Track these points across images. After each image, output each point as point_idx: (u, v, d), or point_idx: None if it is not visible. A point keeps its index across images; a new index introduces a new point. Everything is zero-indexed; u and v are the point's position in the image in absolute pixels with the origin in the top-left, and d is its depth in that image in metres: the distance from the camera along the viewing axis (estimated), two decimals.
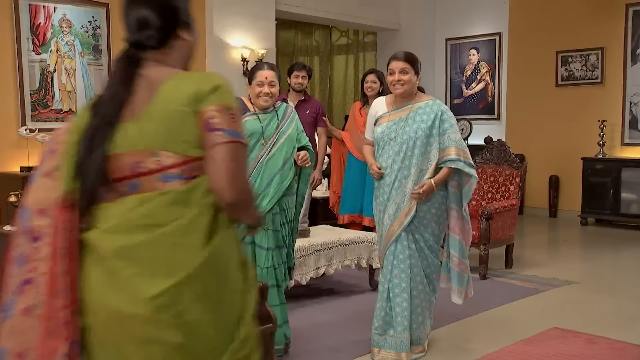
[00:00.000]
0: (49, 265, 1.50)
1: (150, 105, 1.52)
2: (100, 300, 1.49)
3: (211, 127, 1.49)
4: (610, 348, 3.77)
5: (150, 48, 1.57)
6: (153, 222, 1.49)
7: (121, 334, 1.47)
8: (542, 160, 8.98)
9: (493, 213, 5.42)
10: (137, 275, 1.46)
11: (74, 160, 1.53)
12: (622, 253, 6.76)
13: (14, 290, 1.52)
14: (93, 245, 1.51)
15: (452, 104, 10.16)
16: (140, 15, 1.56)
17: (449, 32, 10.13)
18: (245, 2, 7.78)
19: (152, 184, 1.53)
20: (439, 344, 3.87)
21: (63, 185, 1.53)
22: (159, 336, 1.46)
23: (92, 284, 1.50)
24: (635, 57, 8.17)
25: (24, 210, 1.57)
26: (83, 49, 6.57)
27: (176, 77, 1.54)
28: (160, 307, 1.44)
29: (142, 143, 1.52)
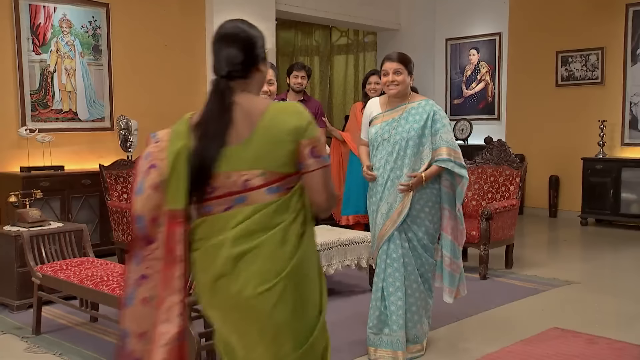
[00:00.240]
0: (162, 265, 1.86)
1: (254, 133, 1.86)
2: (227, 294, 1.86)
3: (314, 155, 1.90)
4: (610, 348, 3.77)
5: (237, 78, 1.93)
6: (264, 227, 1.86)
7: (242, 317, 1.87)
8: (542, 160, 8.98)
9: (493, 213, 5.42)
10: (255, 272, 1.84)
11: (184, 177, 1.85)
12: (622, 253, 6.76)
13: (133, 283, 1.88)
14: (217, 244, 1.86)
15: (452, 104, 10.17)
16: (230, 54, 1.92)
17: (449, 32, 10.13)
18: (245, 2, 7.79)
19: (258, 197, 1.87)
20: (439, 344, 3.87)
21: (173, 199, 1.86)
22: (270, 317, 1.86)
23: (218, 281, 1.87)
24: (635, 57, 8.17)
25: (139, 217, 1.87)
26: (83, 49, 6.57)
27: (273, 110, 1.89)
28: (273, 292, 1.85)
29: (251, 164, 1.86)
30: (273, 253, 1.86)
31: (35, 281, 4.05)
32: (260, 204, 1.87)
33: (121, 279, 3.63)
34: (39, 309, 4.09)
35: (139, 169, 1.93)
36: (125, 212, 5.34)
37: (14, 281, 4.49)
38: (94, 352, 3.74)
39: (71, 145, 6.50)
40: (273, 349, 1.88)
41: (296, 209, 1.92)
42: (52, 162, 6.14)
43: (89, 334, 4.09)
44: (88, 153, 6.63)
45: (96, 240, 6.01)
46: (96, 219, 6.19)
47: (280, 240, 1.87)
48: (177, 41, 7.34)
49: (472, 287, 5.22)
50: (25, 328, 4.17)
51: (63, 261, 4.11)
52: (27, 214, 4.64)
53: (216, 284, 1.88)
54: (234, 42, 1.93)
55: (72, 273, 3.84)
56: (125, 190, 5.70)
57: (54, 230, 4.33)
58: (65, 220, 5.82)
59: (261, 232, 1.86)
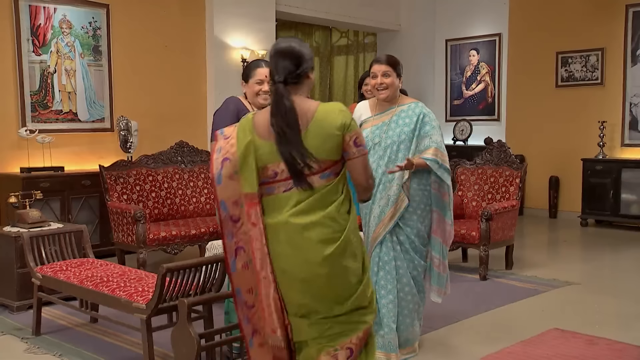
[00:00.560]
0: (249, 238, 2.35)
1: (310, 128, 2.31)
2: (294, 259, 2.33)
3: (357, 144, 2.36)
4: (610, 349, 3.77)
5: (291, 84, 2.38)
6: (320, 206, 2.32)
7: (306, 277, 2.33)
8: (542, 161, 8.99)
9: (493, 214, 5.42)
10: (318, 241, 2.31)
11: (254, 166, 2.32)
12: (622, 254, 6.76)
13: (232, 254, 2.40)
14: (283, 222, 2.31)
15: (452, 105, 10.17)
16: (286, 65, 2.37)
17: (449, 33, 10.13)
18: (245, 3, 7.79)
19: (313, 181, 2.32)
20: (439, 345, 3.87)
21: (247, 184, 2.33)
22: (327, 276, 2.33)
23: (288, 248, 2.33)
24: (635, 58, 8.18)
25: (222, 202, 2.37)
26: (83, 50, 6.57)
27: (322, 109, 2.35)
28: (330, 258, 2.32)
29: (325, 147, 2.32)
30: (329, 226, 2.33)
31: (35, 282, 4.05)
32: (317, 187, 2.32)
33: (121, 279, 3.63)
34: (39, 309, 4.09)
35: (213, 161, 2.39)
36: (125, 213, 5.34)
37: (14, 282, 4.49)
38: (94, 353, 3.74)
39: (71, 146, 6.50)
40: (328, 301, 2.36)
41: (343, 190, 2.39)
42: (52, 162, 6.14)
43: (89, 335, 4.09)
44: (88, 154, 6.63)
45: (96, 241, 6.01)
46: (96, 219, 6.20)
47: (334, 216, 2.34)
48: (177, 42, 7.34)
49: (472, 287, 5.23)
50: (25, 329, 4.17)
51: (63, 262, 4.11)
52: (27, 214, 4.64)
53: (284, 252, 2.33)
54: (287, 56, 2.39)
55: (72, 274, 3.84)
56: (125, 191, 5.70)
57: (54, 231, 4.33)
58: (65, 221, 5.82)
59: (320, 209, 2.32)
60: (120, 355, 3.74)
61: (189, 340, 3.02)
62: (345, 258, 2.36)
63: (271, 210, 2.35)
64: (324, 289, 2.35)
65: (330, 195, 2.34)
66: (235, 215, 2.36)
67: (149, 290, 3.40)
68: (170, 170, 6.06)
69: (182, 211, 6.00)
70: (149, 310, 3.24)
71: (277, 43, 2.45)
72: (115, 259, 5.60)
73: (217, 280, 3.46)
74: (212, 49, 7.56)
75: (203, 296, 3.31)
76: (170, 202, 5.95)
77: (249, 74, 3.55)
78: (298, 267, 2.33)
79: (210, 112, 7.57)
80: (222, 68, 7.59)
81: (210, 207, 6.16)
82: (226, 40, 7.63)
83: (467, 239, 5.52)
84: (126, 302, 3.36)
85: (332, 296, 2.37)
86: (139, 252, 5.20)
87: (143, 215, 5.20)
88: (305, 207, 2.31)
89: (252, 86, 3.53)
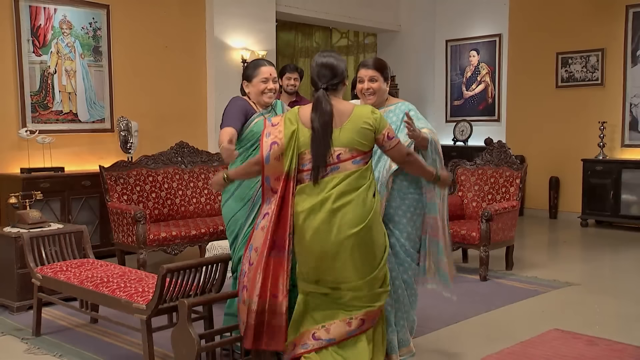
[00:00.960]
0: (275, 206, 2.92)
1: (346, 124, 2.92)
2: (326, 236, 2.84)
3: (389, 137, 2.99)
4: (610, 349, 3.77)
5: (330, 90, 3.00)
6: (352, 188, 2.87)
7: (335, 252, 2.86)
8: (542, 162, 8.99)
9: (493, 214, 5.42)
10: (350, 218, 2.85)
11: (295, 150, 2.91)
12: (622, 254, 6.76)
13: (261, 216, 3.00)
14: (322, 201, 2.86)
15: (452, 106, 10.17)
16: (326, 74, 3.01)
17: (449, 34, 10.13)
18: (246, 4, 7.79)
19: (347, 166, 2.90)
20: (439, 346, 3.87)
21: (288, 164, 2.91)
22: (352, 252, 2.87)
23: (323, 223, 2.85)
24: (635, 59, 8.18)
25: (267, 177, 2.95)
26: (83, 51, 6.57)
27: (356, 111, 2.97)
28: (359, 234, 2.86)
29: (342, 144, 2.91)
30: (359, 207, 2.86)
31: (35, 282, 4.05)
32: (349, 172, 2.88)
33: (121, 280, 3.63)
34: (39, 310, 4.08)
35: (263, 144, 2.97)
36: (125, 214, 5.34)
37: (14, 282, 4.49)
38: (94, 354, 3.74)
39: (71, 147, 6.50)
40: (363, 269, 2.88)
41: (370, 177, 2.95)
42: (52, 163, 6.14)
43: (89, 336, 4.09)
44: (88, 154, 6.63)
45: (96, 242, 6.01)
46: (96, 220, 6.20)
47: (363, 199, 2.87)
48: (178, 42, 7.34)
49: (472, 288, 5.23)
50: (25, 329, 4.17)
51: (63, 262, 4.11)
52: (27, 215, 4.64)
53: (319, 229, 2.84)
54: (327, 67, 3.02)
55: (72, 274, 3.83)
56: (126, 192, 5.70)
57: (54, 232, 4.33)
58: (66, 221, 5.82)
59: (350, 193, 2.86)
60: (120, 356, 3.74)
61: (189, 341, 3.02)
62: (371, 236, 2.89)
63: (309, 193, 2.88)
64: (350, 262, 2.85)
65: (360, 179, 2.89)
66: (275, 188, 2.93)
67: (149, 291, 3.40)
68: (170, 171, 6.06)
69: (182, 212, 6.00)
70: (149, 311, 3.24)
71: (318, 56, 3.06)
72: (115, 259, 5.60)
73: (217, 280, 3.46)
74: (212, 49, 7.56)
75: (203, 297, 3.31)
76: (170, 202, 5.95)
77: (252, 74, 3.55)
78: (330, 241, 2.83)
79: (211, 113, 7.58)
80: (222, 69, 7.60)
81: (210, 207, 6.17)
82: (226, 40, 7.64)
83: (468, 240, 5.52)
84: (126, 302, 3.36)
85: (356, 268, 2.87)
86: (139, 252, 5.20)
87: (143, 216, 5.20)
88: (341, 189, 2.85)
89: (257, 85, 3.53)
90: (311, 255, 2.88)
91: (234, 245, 3.52)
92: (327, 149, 2.86)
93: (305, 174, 2.92)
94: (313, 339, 2.94)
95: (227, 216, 3.52)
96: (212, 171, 6.30)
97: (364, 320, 2.93)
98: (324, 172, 2.88)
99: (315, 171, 2.88)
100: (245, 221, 3.46)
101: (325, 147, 2.86)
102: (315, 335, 2.94)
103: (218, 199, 6.20)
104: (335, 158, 2.88)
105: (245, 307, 2.96)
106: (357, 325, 2.93)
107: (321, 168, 2.87)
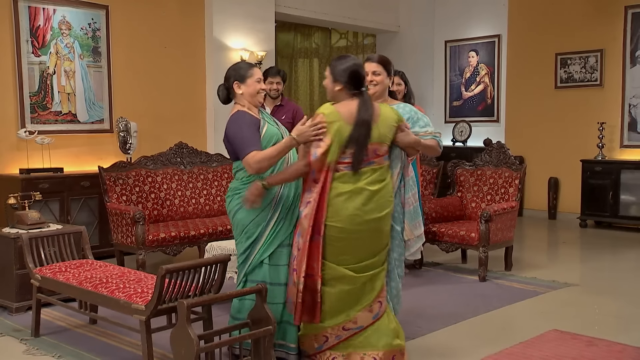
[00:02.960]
0: (317, 194, 3.24)
1: (380, 121, 3.30)
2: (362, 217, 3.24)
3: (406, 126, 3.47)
4: (609, 350, 3.77)
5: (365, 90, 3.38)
6: (382, 179, 3.31)
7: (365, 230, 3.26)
8: (541, 162, 8.99)
9: (492, 215, 5.42)
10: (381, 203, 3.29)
11: (338, 144, 3.21)
12: (621, 255, 6.76)
13: (304, 205, 3.30)
14: (362, 188, 3.23)
15: (451, 106, 10.18)
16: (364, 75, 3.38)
17: (448, 34, 10.13)
18: (245, 4, 7.79)
19: (380, 161, 3.32)
20: (438, 346, 3.87)
21: (331, 157, 3.22)
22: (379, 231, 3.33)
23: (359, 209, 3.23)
24: (634, 59, 8.18)
25: (313, 170, 3.27)
26: (82, 51, 6.57)
27: (383, 109, 3.38)
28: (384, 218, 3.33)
29: (377, 139, 3.29)
30: (386, 195, 3.31)
31: (34, 283, 4.04)
32: (380, 165, 3.31)
33: (120, 280, 3.63)
34: (38, 311, 4.08)
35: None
36: (124, 214, 5.34)
37: (13, 283, 4.49)
38: (93, 355, 3.74)
39: (70, 147, 6.50)
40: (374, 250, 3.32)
41: (389, 172, 3.39)
42: (52, 164, 6.14)
43: (88, 336, 4.09)
44: (87, 155, 6.63)
45: (95, 242, 6.01)
46: (95, 220, 6.19)
47: (388, 190, 3.33)
48: (177, 43, 7.34)
49: (471, 289, 5.23)
50: (24, 330, 4.16)
51: (62, 263, 4.11)
52: (26, 215, 4.64)
53: (357, 211, 3.21)
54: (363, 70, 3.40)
55: (71, 275, 3.83)
56: (125, 192, 5.69)
57: (53, 232, 4.33)
58: (65, 222, 5.82)
59: (383, 181, 3.29)
60: (120, 357, 3.73)
61: (189, 342, 3.02)
62: (387, 222, 3.35)
63: (345, 180, 3.23)
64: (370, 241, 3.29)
65: (386, 172, 3.34)
66: (318, 178, 3.24)
67: (148, 292, 3.40)
68: (169, 172, 6.06)
69: (182, 212, 6.00)
70: (148, 312, 3.24)
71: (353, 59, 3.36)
72: (114, 260, 5.60)
73: (216, 281, 3.46)
74: (211, 50, 7.56)
75: (202, 297, 3.31)
76: (169, 203, 5.94)
77: (245, 74, 3.53)
78: (364, 220, 3.23)
79: (210, 114, 7.57)
80: (221, 69, 7.53)
81: (210, 208, 6.17)
82: (225, 41, 7.64)
83: (467, 240, 5.52)
84: (125, 303, 3.36)
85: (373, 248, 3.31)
86: (138, 253, 5.20)
87: (142, 217, 5.20)
88: (375, 179, 3.26)
89: (253, 85, 3.53)
90: (346, 232, 3.23)
91: (251, 248, 3.44)
92: (367, 144, 3.22)
93: (343, 165, 3.23)
94: (343, 330, 3.32)
95: (244, 220, 3.43)
96: (211, 172, 6.30)
97: (380, 302, 3.35)
98: (363, 164, 3.22)
99: (357, 163, 3.21)
100: (267, 223, 3.42)
101: (366, 142, 3.22)
102: (346, 327, 3.32)
103: (218, 199, 6.21)
104: (373, 152, 3.25)
105: (295, 288, 3.28)
106: (377, 308, 3.34)
107: (362, 160, 3.21)
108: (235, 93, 3.56)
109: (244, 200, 3.37)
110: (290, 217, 3.46)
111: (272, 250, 3.43)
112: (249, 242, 3.44)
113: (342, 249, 3.26)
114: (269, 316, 3.25)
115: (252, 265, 3.45)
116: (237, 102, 3.59)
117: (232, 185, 3.53)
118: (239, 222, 3.46)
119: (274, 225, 3.42)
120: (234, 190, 3.50)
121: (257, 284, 3.31)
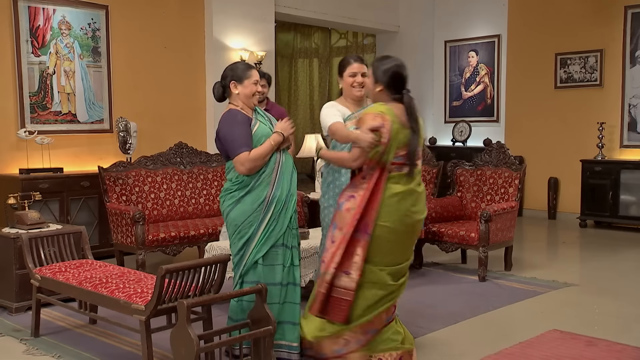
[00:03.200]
0: (368, 191, 3.20)
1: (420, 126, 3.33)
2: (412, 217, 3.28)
3: None
4: (609, 350, 3.77)
5: None
6: (421, 181, 3.38)
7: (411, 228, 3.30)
8: (541, 162, 8.99)
9: (492, 215, 5.42)
10: (423, 206, 3.36)
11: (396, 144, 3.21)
12: (621, 255, 6.76)
13: (344, 198, 3.28)
14: (413, 190, 3.28)
15: (451, 106, 10.17)
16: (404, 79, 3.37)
17: (448, 34, 10.14)
18: (245, 4, 7.79)
19: (419, 163, 3.34)
20: (438, 346, 3.87)
21: (387, 156, 3.21)
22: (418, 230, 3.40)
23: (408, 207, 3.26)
24: (634, 59, 8.18)
25: (361, 168, 3.30)
26: (82, 51, 6.57)
27: None
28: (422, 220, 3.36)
29: (421, 142, 3.34)
30: (425, 197, 3.40)
31: (34, 283, 4.04)
32: (419, 168, 3.35)
33: (120, 280, 3.63)
34: (38, 311, 4.08)
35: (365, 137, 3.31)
36: (124, 214, 5.34)
37: (12, 283, 4.49)
38: (92, 355, 3.74)
39: (70, 147, 6.50)
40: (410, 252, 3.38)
41: None
42: (51, 164, 6.14)
43: (87, 336, 4.09)
44: (87, 155, 6.63)
45: (95, 242, 6.01)
46: (95, 220, 6.19)
47: (424, 192, 3.39)
48: (176, 43, 7.34)
49: (471, 289, 5.23)
50: (24, 330, 4.16)
51: (62, 263, 4.10)
52: (26, 216, 4.64)
53: (408, 212, 3.25)
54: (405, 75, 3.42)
55: (71, 275, 3.83)
56: (124, 192, 5.69)
57: (53, 232, 4.33)
58: (64, 222, 5.82)
59: (421, 184, 3.37)
60: (119, 357, 3.73)
61: (188, 342, 3.02)
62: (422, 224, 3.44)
63: (398, 181, 3.24)
64: (411, 243, 3.36)
65: (420, 175, 3.39)
66: (369, 176, 3.24)
67: (148, 292, 3.40)
68: (169, 172, 6.06)
69: (181, 212, 6.00)
70: (148, 312, 3.24)
71: (397, 60, 3.38)
72: (114, 260, 5.60)
73: (216, 281, 3.46)
74: (211, 50, 7.56)
75: (202, 297, 3.31)
76: (169, 203, 5.94)
77: (243, 75, 3.53)
78: (412, 223, 3.28)
79: (210, 114, 7.57)
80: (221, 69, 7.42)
81: (209, 208, 6.16)
82: (225, 41, 7.64)
83: (466, 240, 5.52)
84: (125, 303, 3.36)
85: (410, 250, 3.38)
86: (138, 253, 5.20)
87: (142, 217, 5.20)
88: (419, 180, 3.35)
89: (250, 86, 3.52)
90: (395, 233, 3.23)
91: (244, 249, 3.45)
92: (419, 146, 3.31)
93: (394, 166, 3.23)
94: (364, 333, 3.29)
95: (237, 220, 3.44)
96: (211, 172, 6.30)
97: (395, 305, 3.36)
98: (415, 165, 3.29)
99: (411, 164, 3.25)
100: (260, 223, 3.42)
101: (419, 145, 3.29)
102: (365, 330, 3.28)
103: (217, 199, 6.20)
104: (418, 155, 3.33)
105: (321, 278, 3.23)
106: (392, 311, 3.35)
107: (415, 162, 3.28)
108: (231, 92, 3.56)
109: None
110: (282, 217, 3.46)
111: (266, 251, 3.44)
112: (242, 241, 3.45)
113: (389, 250, 3.24)
114: (269, 316, 3.25)
115: (247, 267, 3.46)
116: (231, 102, 3.59)
117: (225, 186, 3.53)
118: (232, 222, 3.47)
119: (267, 226, 3.42)
120: (226, 191, 3.50)
121: (257, 284, 3.31)
